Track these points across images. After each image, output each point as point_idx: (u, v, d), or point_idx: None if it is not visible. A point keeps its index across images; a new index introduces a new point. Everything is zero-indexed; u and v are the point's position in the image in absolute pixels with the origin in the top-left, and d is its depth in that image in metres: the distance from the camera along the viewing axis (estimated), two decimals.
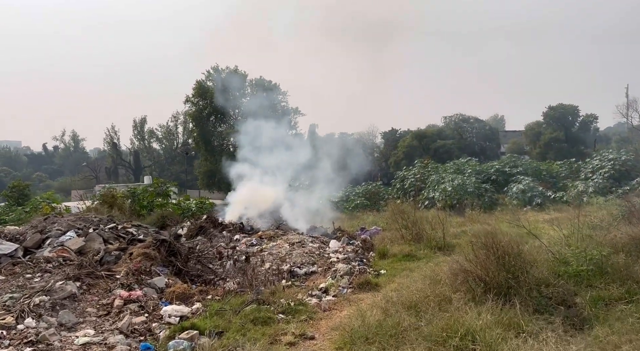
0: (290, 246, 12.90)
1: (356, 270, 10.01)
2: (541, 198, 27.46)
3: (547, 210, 25.74)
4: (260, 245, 14.17)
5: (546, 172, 33.51)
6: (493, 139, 73.01)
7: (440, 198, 28.71)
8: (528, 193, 27.98)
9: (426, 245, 12.24)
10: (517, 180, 30.69)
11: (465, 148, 67.02)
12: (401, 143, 70.27)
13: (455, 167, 34.51)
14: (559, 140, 67.95)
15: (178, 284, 8.38)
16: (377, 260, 11.79)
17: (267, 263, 10.68)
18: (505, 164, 34.27)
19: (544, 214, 23.98)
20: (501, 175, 33.40)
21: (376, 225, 17.91)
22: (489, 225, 16.70)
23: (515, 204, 27.53)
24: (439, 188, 29.56)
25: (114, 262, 9.35)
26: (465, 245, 12.85)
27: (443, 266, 9.33)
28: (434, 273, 8.05)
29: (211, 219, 18.12)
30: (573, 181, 30.55)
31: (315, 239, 13.88)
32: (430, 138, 68.98)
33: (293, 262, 10.92)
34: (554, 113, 69.70)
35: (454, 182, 28.94)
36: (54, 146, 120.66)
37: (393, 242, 13.61)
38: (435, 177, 32.13)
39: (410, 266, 10.47)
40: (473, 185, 28.91)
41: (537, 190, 28.29)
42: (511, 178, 32.37)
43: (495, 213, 23.51)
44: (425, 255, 11.53)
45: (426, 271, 8.85)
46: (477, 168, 34.49)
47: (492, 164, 36.02)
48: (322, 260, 11.35)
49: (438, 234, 12.77)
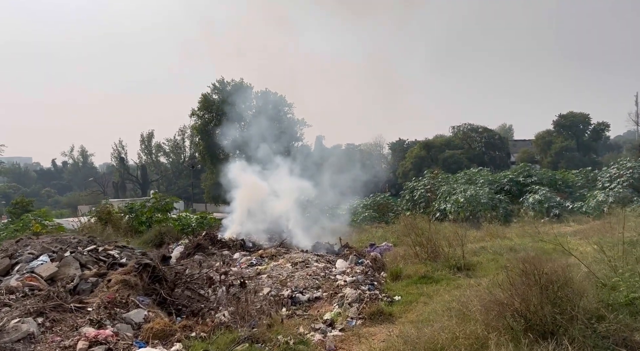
0: (292, 266, 11.68)
1: (366, 295, 8.75)
2: (559, 209, 26.14)
3: (566, 221, 24.42)
4: (260, 264, 12.97)
5: (562, 182, 32.18)
6: (502, 149, 71.74)
7: (452, 210, 27.40)
8: (545, 204, 26.68)
9: (444, 265, 10.97)
10: (532, 190, 29.40)
11: (474, 158, 65.83)
12: (409, 154, 69.21)
13: (467, 177, 33.23)
14: (570, 149, 66.65)
15: (158, 318, 7.15)
16: (389, 282, 10.53)
17: (265, 288, 9.45)
18: (519, 174, 32.94)
19: (564, 226, 22.67)
20: (515, 185, 32.10)
21: (386, 241, 16.68)
22: (511, 240, 15.47)
23: (532, 216, 26.20)
24: (451, 199, 28.28)
25: (90, 291, 8.16)
26: (487, 264, 11.61)
27: (466, 291, 8.07)
28: (460, 304, 6.80)
29: (210, 236, 16.95)
30: (590, 191, 29.28)
31: (320, 258, 12.65)
32: (438, 148, 67.90)
33: (295, 286, 9.68)
34: (564, 122, 68.45)
35: (466, 192, 27.67)
36: (63, 162, 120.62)
37: (406, 260, 12.36)
38: (446, 187, 30.87)
39: (428, 291, 9.20)
40: (487, 196, 27.60)
41: (555, 200, 26.97)
42: (525, 188, 31.10)
43: (512, 225, 22.17)
44: (443, 276, 10.26)
45: (449, 300, 7.59)
46: (490, 178, 33.21)
47: (505, 174, 34.72)
48: (328, 282, 10.10)
49: (457, 252, 11.49)
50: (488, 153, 69.35)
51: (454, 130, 70.96)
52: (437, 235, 12.69)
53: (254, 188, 18.29)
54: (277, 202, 18.82)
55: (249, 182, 18.52)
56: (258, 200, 18.17)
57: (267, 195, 18.40)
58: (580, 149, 66.80)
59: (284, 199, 18.99)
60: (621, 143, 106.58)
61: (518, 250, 13.09)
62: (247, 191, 18.31)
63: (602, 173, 32.14)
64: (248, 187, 18.37)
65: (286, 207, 18.97)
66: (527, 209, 27.34)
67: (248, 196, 18.22)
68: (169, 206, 23.67)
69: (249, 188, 18.30)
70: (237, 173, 19.06)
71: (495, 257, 12.18)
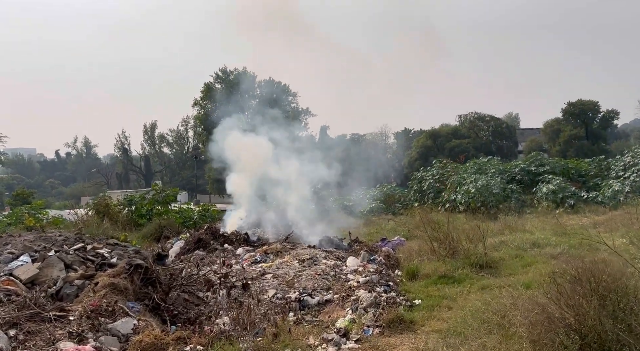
0: (300, 264, 10.80)
1: (383, 299, 7.86)
2: (574, 199, 25.15)
3: (582, 212, 23.45)
4: (265, 261, 12.10)
5: (574, 171, 31.16)
6: (510, 138, 70.61)
7: (462, 200, 26.46)
8: (559, 194, 25.67)
9: (464, 262, 10.05)
10: (545, 180, 28.41)
11: (481, 148, 64.86)
12: (415, 143, 68.23)
13: (477, 167, 32.21)
14: (579, 137, 65.48)
15: (149, 329, 6.28)
16: (405, 282, 9.64)
17: (270, 290, 8.56)
18: (530, 163, 31.92)
19: (581, 217, 21.69)
20: (526, 175, 31.11)
21: (398, 235, 15.78)
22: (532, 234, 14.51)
23: (546, 206, 25.27)
24: (461, 190, 27.32)
25: (75, 295, 7.29)
26: (511, 261, 10.70)
27: (497, 294, 7.18)
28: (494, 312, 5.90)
29: (211, 230, 16.07)
30: (604, 180, 28.32)
31: (329, 254, 11.75)
32: (445, 137, 66.89)
33: (303, 288, 8.79)
34: (573, 110, 67.13)
35: (477, 182, 26.68)
36: (67, 153, 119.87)
37: (421, 256, 11.46)
38: (456, 177, 29.89)
39: (451, 293, 8.30)
40: (499, 186, 26.63)
41: (570, 190, 25.98)
42: (537, 177, 30.11)
43: (527, 217, 21.21)
44: (465, 276, 9.35)
45: (480, 306, 6.68)
46: (500, 167, 32.20)
47: (516, 163, 33.73)
48: (339, 283, 9.21)
49: (478, 249, 10.56)
50: (495, 143, 68.27)
51: (461, 119, 69.78)
52: (455, 229, 11.78)
53: (255, 151, 17.08)
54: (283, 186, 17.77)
55: (248, 144, 17.26)
56: (261, 164, 16.96)
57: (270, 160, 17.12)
58: (590, 138, 65.58)
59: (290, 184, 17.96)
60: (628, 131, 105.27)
61: (542, 245, 12.20)
62: (248, 155, 17.14)
63: (615, 161, 31.15)
64: (248, 150, 17.16)
65: (292, 193, 18.04)
66: (541, 199, 26.40)
67: (250, 162, 17.04)
68: (170, 198, 22.80)
69: (250, 152, 17.09)
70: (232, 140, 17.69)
71: (518, 253, 11.27)
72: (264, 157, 17.09)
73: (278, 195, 18.04)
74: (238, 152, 17.34)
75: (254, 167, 16.95)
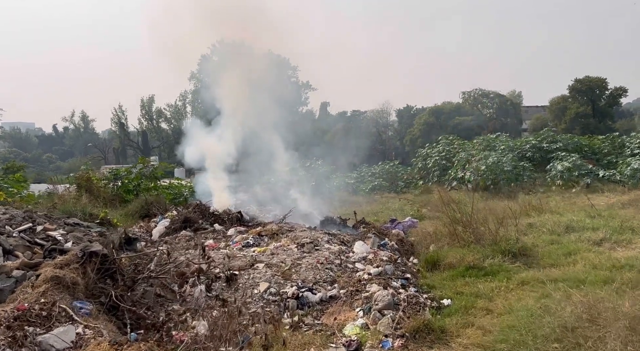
0: (298, 249, 9.17)
1: (402, 298, 6.25)
2: (590, 178, 23.56)
3: (600, 191, 21.88)
4: (259, 244, 10.51)
5: (587, 148, 29.54)
6: (514, 115, 68.81)
7: (471, 178, 24.85)
8: (575, 172, 24.07)
9: (492, 249, 8.42)
10: (558, 157, 26.81)
11: (485, 125, 63.12)
12: (417, 121, 66.51)
13: (486, 143, 30.55)
14: (586, 115, 63.71)
15: (97, 339, 4.68)
16: (424, 273, 8.03)
17: (262, 284, 6.94)
18: (542, 139, 30.28)
19: (600, 196, 20.08)
20: (538, 152, 29.51)
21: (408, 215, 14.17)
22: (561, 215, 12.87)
23: (561, 185, 23.70)
24: (470, 167, 25.71)
25: (11, 291, 5.66)
26: (547, 248, 9.07)
27: (538, 288, 5.56)
28: (561, 323, 4.30)
29: (200, 208, 14.48)
30: (619, 158, 26.87)
31: (332, 238, 10.10)
32: (448, 114, 65.13)
33: (302, 280, 7.17)
34: (580, 87, 65.23)
35: (487, 159, 25.04)
36: (64, 127, 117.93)
37: (439, 240, 9.89)
38: (464, 154, 28.25)
39: (485, 290, 6.68)
40: (510, 163, 25.00)
41: (586, 168, 24.38)
42: (549, 155, 28.53)
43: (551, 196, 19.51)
44: (497, 266, 7.71)
45: (529, 309, 5.07)
46: (510, 144, 30.56)
47: (526, 139, 32.13)
48: (346, 274, 7.58)
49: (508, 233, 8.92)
50: (499, 120, 66.52)
51: (465, 95, 67.88)
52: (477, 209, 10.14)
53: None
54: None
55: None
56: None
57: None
58: (596, 115, 63.82)
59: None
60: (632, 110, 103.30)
61: (577, 229, 10.59)
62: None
63: (631, 139, 29.68)
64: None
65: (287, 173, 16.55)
66: (555, 178, 24.82)
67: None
68: (158, 172, 21.11)
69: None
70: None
71: (553, 238, 9.64)
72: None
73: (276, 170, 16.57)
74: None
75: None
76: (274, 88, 20.56)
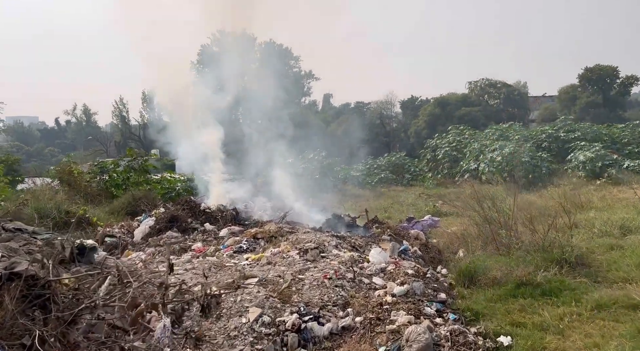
0: (301, 256, 7.50)
1: (443, 335, 4.57)
2: (615, 169, 21.86)
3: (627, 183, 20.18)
4: (253, 250, 8.86)
5: (607, 137, 27.83)
6: (522, 105, 66.89)
7: (485, 170, 23.12)
8: (598, 163, 22.35)
9: (542, 258, 6.72)
10: (577, 147, 25.11)
11: (492, 116, 61.31)
12: (422, 112, 64.77)
13: (499, 133, 28.80)
14: (596, 105, 61.86)
15: None
16: (460, 290, 6.35)
17: (252, 310, 5.26)
18: (559, 128, 28.56)
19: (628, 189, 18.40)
20: (554, 142, 27.80)
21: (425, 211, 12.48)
22: (611, 212, 11.15)
23: (583, 176, 22.03)
24: (484, 158, 24.00)
25: None
26: (608, 255, 7.36)
27: (628, 315, 3.87)
28: None
29: (190, 205, 12.82)
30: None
31: (341, 241, 8.42)
32: (454, 105, 63.33)
33: (305, 303, 5.50)
34: (590, 75, 63.34)
35: (503, 150, 23.32)
36: (67, 120, 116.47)
37: (468, 243, 8.19)
38: (477, 145, 26.54)
39: (552, 319, 5.00)
40: (527, 153, 23.29)
41: (611, 158, 22.67)
42: (567, 145, 26.84)
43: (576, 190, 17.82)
44: (556, 282, 6.02)
45: None
46: (525, 133, 28.86)
47: (542, 128, 30.42)
48: (361, 293, 5.91)
49: (558, 236, 7.22)
50: (506, 111, 64.66)
51: (471, 85, 65.94)
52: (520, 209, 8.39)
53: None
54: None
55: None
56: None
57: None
58: (607, 105, 61.95)
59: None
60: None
61: (633, 229, 8.88)
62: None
63: None
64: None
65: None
66: (575, 169, 23.13)
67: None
68: (147, 165, 19.43)
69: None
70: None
71: (612, 242, 7.92)
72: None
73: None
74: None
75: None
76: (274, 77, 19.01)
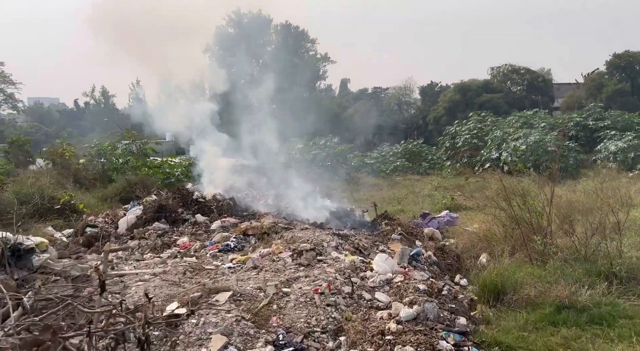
0: (293, 259, 6.32)
1: None
2: None
3: None
4: (241, 249, 7.71)
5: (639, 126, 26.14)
6: (546, 92, 64.75)
7: (508, 159, 21.66)
8: (630, 153, 20.80)
9: (585, 269, 5.46)
10: (607, 136, 23.53)
11: (515, 103, 59.40)
12: (442, 98, 63.02)
13: (523, 120, 27.24)
14: (624, 93, 59.55)
15: None
16: (485, 311, 5.10)
17: (216, 339, 4.09)
18: (587, 116, 26.90)
19: None
20: (582, 131, 26.20)
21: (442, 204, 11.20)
22: None
23: (614, 167, 20.50)
24: (507, 147, 22.52)
25: None
26: None
27: None
28: None
29: (181, 193, 11.71)
30: None
31: (343, 241, 7.21)
32: (475, 91, 61.45)
33: (287, 328, 4.33)
34: (618, 62, 60.99)
35: (528, 138, 21.84)
36: (85, 102, 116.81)
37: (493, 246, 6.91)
38: (499, 132, 25.04)
39: None
40: (554, 142, 21.75)
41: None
42: (595, 134, 25.24)
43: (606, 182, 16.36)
44: (607, 305, 4.76)
45: None
46: (551, 121, 27.26)
47: (569, 116, 28.76)
48: (360, 312, 4.72)
49: (604, 243, 5.92)
50: (529, 98, 62.61)
51: (493, 71, 63.98)
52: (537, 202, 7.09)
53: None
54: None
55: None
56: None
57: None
58: (635, 93, 59.68)
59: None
60: None
61: None
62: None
63: None
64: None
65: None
66: (605, 160, 21.60)
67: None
68: (147, 148, 18.36)
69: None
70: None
71: None
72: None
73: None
74: None
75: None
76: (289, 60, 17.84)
